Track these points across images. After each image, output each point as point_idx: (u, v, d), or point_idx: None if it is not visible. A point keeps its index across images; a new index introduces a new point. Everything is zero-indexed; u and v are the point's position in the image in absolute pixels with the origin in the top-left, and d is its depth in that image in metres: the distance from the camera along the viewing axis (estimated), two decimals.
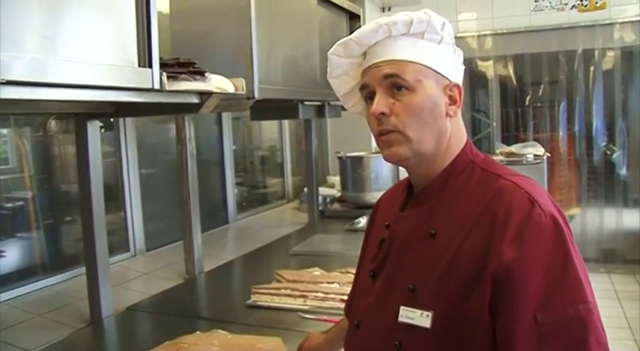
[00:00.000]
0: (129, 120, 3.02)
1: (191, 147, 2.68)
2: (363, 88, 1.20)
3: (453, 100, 1.16)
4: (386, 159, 1.18)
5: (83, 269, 2.31)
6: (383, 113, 1.13)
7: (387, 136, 1.14)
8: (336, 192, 4.63)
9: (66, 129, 2.86)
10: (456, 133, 1.18)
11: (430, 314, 1.06)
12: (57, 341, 1.98)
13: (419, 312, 1.08)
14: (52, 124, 2.79)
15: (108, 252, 2.22)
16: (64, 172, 2.88)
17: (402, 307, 1.11)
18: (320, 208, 4.21)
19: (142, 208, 3.15)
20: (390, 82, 1.13)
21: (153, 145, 3.47)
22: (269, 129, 5.12)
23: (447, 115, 1.16)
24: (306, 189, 4.30)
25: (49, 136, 2.82)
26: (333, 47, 1.23)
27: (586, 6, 4.61)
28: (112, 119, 2.89)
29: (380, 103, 1.13)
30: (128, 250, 3.06)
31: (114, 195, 3.01)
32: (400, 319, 1.10)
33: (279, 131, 5.15)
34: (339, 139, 5.26)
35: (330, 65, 1.27)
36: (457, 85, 1.17)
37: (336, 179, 4.82)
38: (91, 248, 2.14)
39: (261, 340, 1.76)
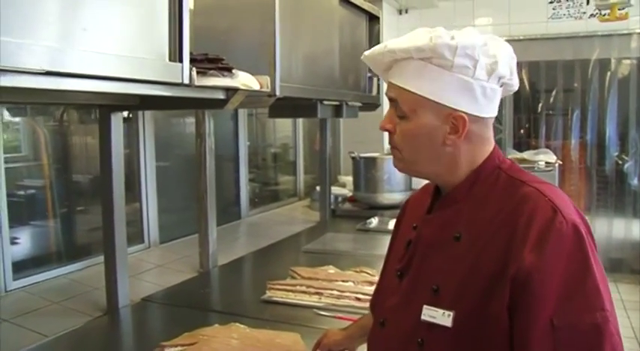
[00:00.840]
0: (147, 113, 3.04)
1: (210, 142, 2.69)
2: None
3: (454, 130, 1.14)
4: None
5: (98, 258, 2.34)
6: (387, 130, 1.19)
7: (392, 150, 1.23)
8: (347, 192, 4.64)
9: (81, 119, 2.89)
10: (471, 154, 1.17)
11: (452, 314, 1.08)
12: (74, 329, 2.00)
13: (441, 311, 1.10)
14: (67, 114, 2.81)
15: (126, 242, 2.24)
16: (79, 162, 2.91)
17: (425, 307, 1.13)
18: (331, 207, 4.22)
19: (157, 201, 3.17)
20: (392, 104, 1.19)
21: (169, 138, 3.50)
22: (282, 127, 5.14)
23: (444, 144, 1.15)
24: (318, 187, 4.31)
25: (65, 127, 2.84)
26: (362, 57, 1.27)
27: (604, 15, 4.58)
28: (126, 113, 2.89)
29: (386, 119, 1.20)
30: (142, 242, 3.10)
31: (129, 186, 3.03)
32: (423, 317, 1.12)
33: (293, 129, 5.17)
34: (352, 139, 5.26)
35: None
36: (462, 117, 1.12)
37: (347, 179, 4.83)
38: (110, 238, 2.16)
39: (280, 335, 1.77)
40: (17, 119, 2.66)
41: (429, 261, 1.19)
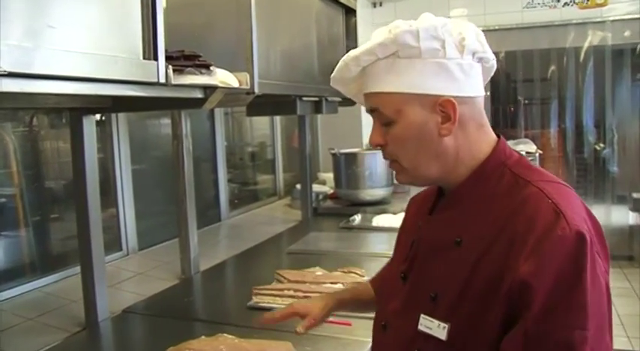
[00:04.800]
0: (121, 115, 2.94)
1: (187, 143, 2.59)
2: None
3: (446, 118, 1.08)
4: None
5: (75, 269, 2.23)
6: (379, 144, 1.14)
7: (391, 163, 1.16)
8: (328, 189, 4.56)
9: (52, 124, 2.77)
10: (470, 143, 1.11)
11: (447, 326, 1.04)
12: (52, 346, 1.88)
13: (437, 323, 1.06)
14: (36, 119, 2.70)
15: (104, 251, 2.14)
16: (51, 168, 2.79)
17: (422, 316, 1.09)
18: (313, 205, 4.14)
19: (134, 206, 3.06)
20: (375, 115, 1.13)
21: (144, 140, 3.39)
22: (259, 124, 5.04)
23: (440, 135, 1.09)
24: (298, 185, 4.23)
25: (35, 132, 2.72)
26: (331, 83, 1.22)
27: (584, 2, 4.59)
28: (99, 115, 2.77)
29: (373, 134, 1.15)
30: (120, 249, 2.98)
31: (105, 192, 2.90)
32: (419, 327, 1.09)
33: (271, 127, 5.07)
34: (330, 135, 5.19)
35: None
36: (449, 101, 1.06)
37: (327, 176, 4.76)
38: (86, 247, 2.05)
39: (271, 345, 1.68)
40: None
41: (429, 266, 1.14)
